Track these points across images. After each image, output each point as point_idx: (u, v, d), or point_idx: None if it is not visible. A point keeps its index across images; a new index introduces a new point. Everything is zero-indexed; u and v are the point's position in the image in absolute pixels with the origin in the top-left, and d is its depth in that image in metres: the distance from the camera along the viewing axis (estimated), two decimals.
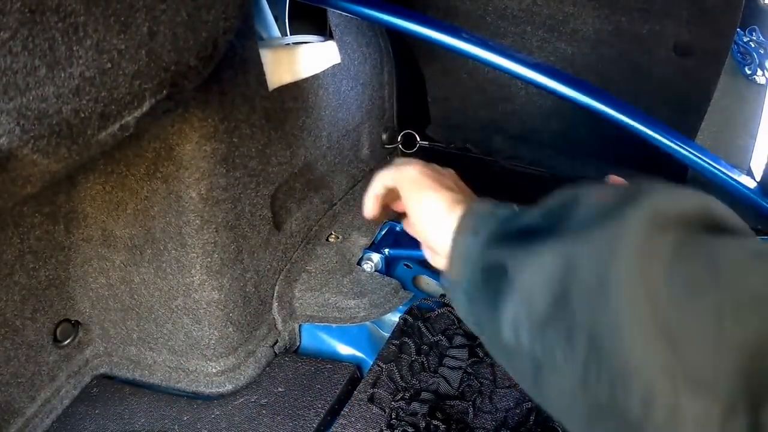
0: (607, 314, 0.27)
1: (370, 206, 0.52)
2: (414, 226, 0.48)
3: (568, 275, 0.29)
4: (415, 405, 0.63)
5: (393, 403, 0.64)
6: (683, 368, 0.25)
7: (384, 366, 0.69)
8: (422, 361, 0.70)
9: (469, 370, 0.69)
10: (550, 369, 0.30)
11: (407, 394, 0.65)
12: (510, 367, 0.35)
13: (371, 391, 0.66)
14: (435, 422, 0.61)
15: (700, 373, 0.25)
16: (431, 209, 0.44)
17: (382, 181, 0.49)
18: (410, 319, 0.75)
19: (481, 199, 0.43)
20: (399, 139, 1.08)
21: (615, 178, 0.56)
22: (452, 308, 0.77)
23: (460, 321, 0.76)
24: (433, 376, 0.68)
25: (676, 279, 0.26)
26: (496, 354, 0.36)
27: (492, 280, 0.34)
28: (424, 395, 0.65)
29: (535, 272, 0.30)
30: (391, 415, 0.63)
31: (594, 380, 0.27)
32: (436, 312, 0.77)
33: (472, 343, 0.73)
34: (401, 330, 0.74)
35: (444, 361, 0.70)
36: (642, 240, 0.27)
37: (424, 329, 0.74)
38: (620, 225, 0.27)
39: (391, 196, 0.53)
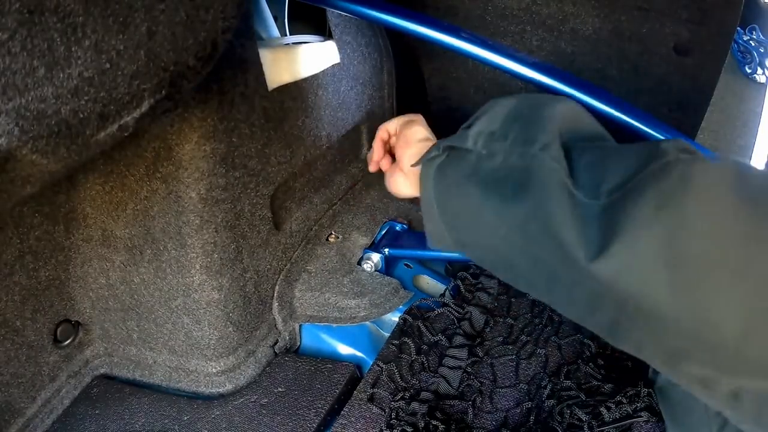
0: (538, 113, 0.44)
1: (378, 150, 0.64)
2: (401, 154, 0.60)
3: (521, 105, 0.46)
4: (414, 405, 0.63)
5: (393, 402, 0.64)
6: (569, 162, 0.41)
7: (384, 366, 0.69)
8: (422, 361, 0.70)
9: (469, 369, 0.69)
10: (487, 158, 0.45)
11: (407, 394, 0.65)
12: (457, 170, 0.48)
13: (371, 391, 0.66)
14: (434, 422, 0.61)
15: (576, 168, 0.40)
16: (415, 155, 0.58)
17: (386, 127, 0.63)
18: (410, 319, 0.75)
19: None
20: None
21: None
22: (452, 308, 0.77)
23: (459, 321, 0.76)
24: (433, 376, 0.68)
25: (577, 139, 0.44)
26: (444, 190, 0.50)
27: (471, 120, 0.50)
28: (424, 395, 0.65)
29: (502, 106, 0.47)
30: (390, 415, 0.63)
31: (513, 147, 0.43)
32: (436, 312, 0.77)
33: (472, 343, 0.73)
34: (401, 330, 0.74)
35: (444, 361, 0.70)
36: (568, 103, 0.47)
37: (423, 329, 0.74)
38: (558, 98, 0.47)
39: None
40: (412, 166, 0.55)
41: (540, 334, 0.74)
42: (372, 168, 0.68)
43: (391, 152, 0.66)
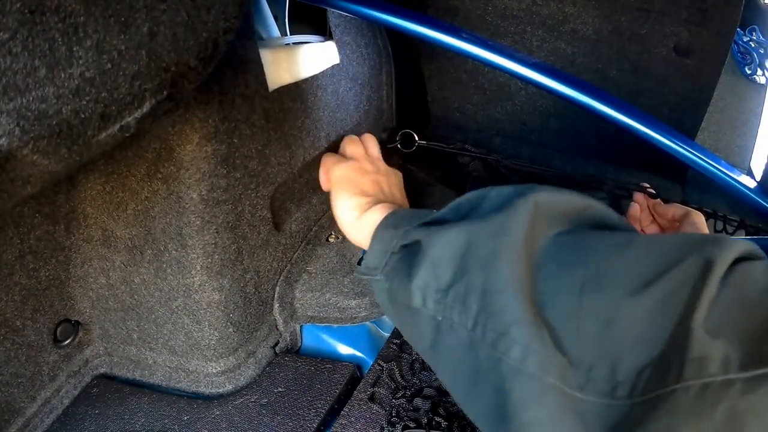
0: (496, 281, 0.32)
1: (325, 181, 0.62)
2: (340, 227, 0.57)
3: (468, 249, 0.34)
4: (417, 401, 0.64)
5: (394, 400, 0.64)
6: (550, 331, 0.29)
7: (384, 365, 0.69)
8: (423, 360, 0.70)
9: None
10: (446, 329, 0.35)
11: (408, 392, 0.65)
12: (412, 331, 0.40)
13: (371, 390, 0.66)
14: (437, 419, 0.61)
15: (565, 339, 0.29)
16: (341, 208, 0.55)
17: (324, 168, 0.62)
18: None
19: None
20: (397, 138, 1.09)
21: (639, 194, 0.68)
22: None
23: None
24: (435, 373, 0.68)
25: (551, 257, 0.32)
26: (402, 323, 0.42)
27: (408, 257, 0.40)
28: (427, 391, 0.65)
29: (443, 246, 0.36)
30: (391, 413, 0.63)
31: (480, 336, 0.32)
32: None
33: None
34: None
35: None
36: (526, 225, 0.33)
37: None
38: (511, 212, 0.33)
39: None
40: (357, 274, 0.47)
41: None
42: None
43: None
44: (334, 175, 0.57)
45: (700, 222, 0.68)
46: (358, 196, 0.54)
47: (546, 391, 0.28)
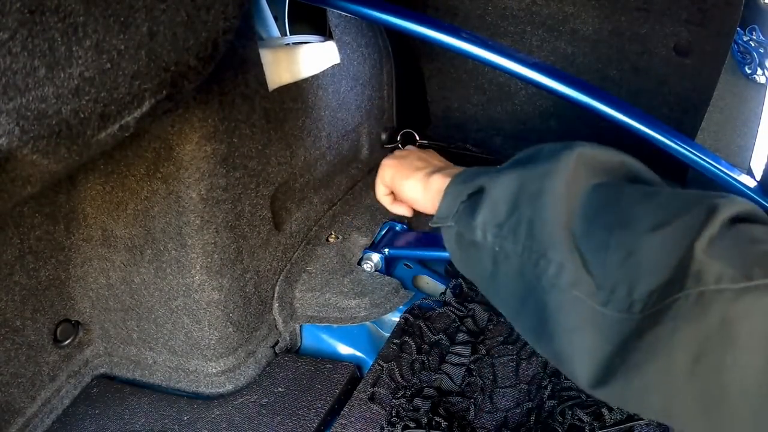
0: (540, 213, 0.39)
1: (399, 210, 0.65)
2: (413, 206, 0.60)
3: (521, 189, 0.41)
4: (417, 401, 0.64)
5: (394, 400, 0.64)
6: (582, 257, 0.36)
7: (384, 365, 0.69)
8: (423, 360, 0.70)
9: (472, 366, 0.69)
10: (502, 259, 0.42)
11: (408, 392, 0.65)
12: (475, 268, 0.46)
13: (371, 390, 0.66)
14: (437, 419, 0.61)
15: (593, 264, 0.36)
16: (408, 190, 0.57)
17: (380, 193, 0.63)
18: (411, 319, 0.75)
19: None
20: (398, 138, 1.08)
21: None
22: (453, 307, 0.77)
23: (462, 318, 0.76)
24: (436, 373, 0.68)
25: (588, 201, 0.39)
26: (466, 263, 0.48)
27: (474, 202, 0.46)
28: (427, 391, 0.65)
29: (501, 187, 0.42)
30: (392, 413, 0.63)
31: (527, 258, 0.39)
32: (437, 311, 0.77)
33: (475, 340, 0.73)
34: (402, 329, 0.74)
35: (447, 358, 0.70)
36: (569, 171, 0.39)
37: (425, 328, 0.74)
38: (556, 161, 0.40)
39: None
40: (432, 225, 0.53)
41: None
42: (409, 214, 0.68)
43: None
44: (384, 177, 0.61)
45: None
46: (414, 172, 0.58)
47: (575, 302, 0.35)
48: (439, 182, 0.55)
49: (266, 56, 0.67)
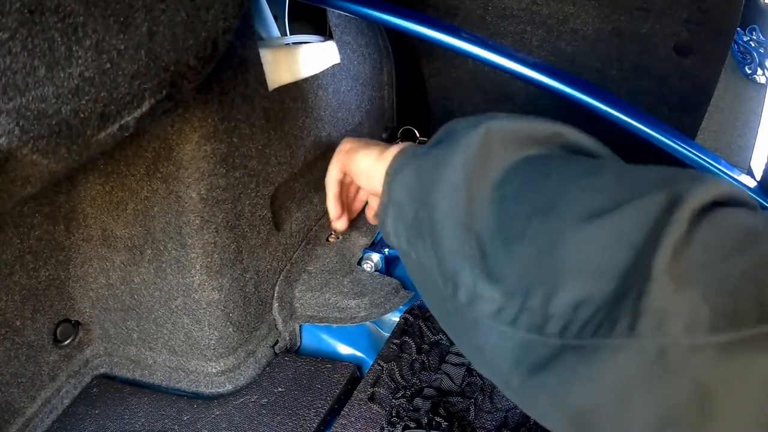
0: (434, 212, 0.31)
1: (333, 209, 0.61)
2: (360, 182, 0.54)
3: (418, 183, 0.33)
4: (417, 401, 0.64)
5: (394, 400, 0.64)
6: (485, 260, 0.28)
7: (384, 365, 0.69)
8: (423, 360, 0.70)
9: (472, 366, 0.69)
10: (419, 264, 0.34)
11: (408, 393, 0.65)
12: (407, 269, 0.39)
13: (371, 390, 0.66)
14: (437, 419, 0.61)
15: (500, 263, 0.27)
16: (364, 162, 0.51)
17: (331, 177, 0.58)
18: (411, 319, 0.75)
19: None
20: (398, 135, 1.09)
21: None
22: None
23: None
24: (436, 373, 0.68)
25: (503, 184, 0.30)
26: (405, 265, 0.40)
27: (384, 203, 0.38)
28: (427, 391, 0.65)
29: (400, 186, 0.35)
30: (392, 413, 0.63)
31: (436, 267, 0.31)
32: None
33: None
34: (402, 329, 0.74)
35: (447, 358, 0.70)
36: (471, 154, 0.31)
37: (425, 328, 0.74)
38: (453, 143, 0.32)
39: (346, 193, 0.64)
40: (375, 215, 0.48)
41: None
42: (341, 226, 0.65)
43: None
44: (340, 152, 0.55)
45: None
46: (373, 147, 0.52)
47: (478, 322, 0.28)
48: (390, 157, 0.45)
49: (266, 56, 0.67)
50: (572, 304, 0.23)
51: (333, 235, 0.88)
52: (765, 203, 0.73)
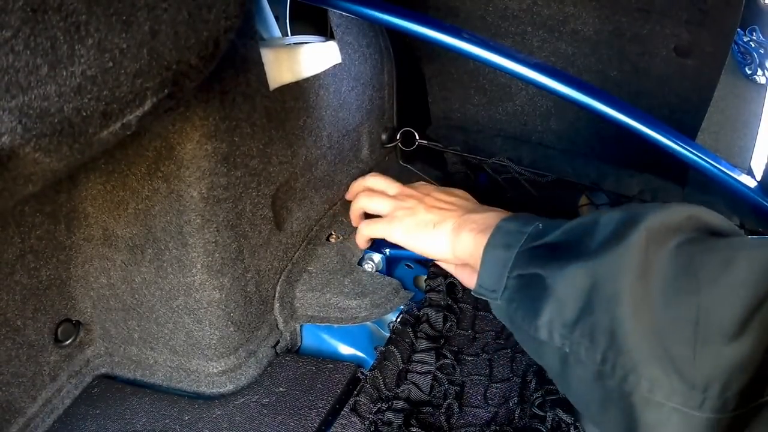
0: (621, 324, 0.35)
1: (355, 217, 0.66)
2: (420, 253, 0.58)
3: (593, 289, 0.37)
4: (389, 415, 0.62)
5: (371, 416, 0.63)
6: (673, 363, 0.33)
7: (367, 374, 0.68)
8: (408, 369, 0.69)
9: (438, 374, 0.69)
10: (574, 362, 0.38)
11: (384, 406, 0.64)
12: (539, 359, 0.43)
13: (353, 400, 0.65)
14: (412, 430, 0.61)
15: (683, 363, 0.33)
16: (433, 248, 0.55)
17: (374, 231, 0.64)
18: (399, 326, 0.75)
19: (499, 214, 0.52)
20: (398, 137, 1.09)
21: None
22: (409, 315, 0.77)
23: (419, 324, 0.75)
24: (404, 383, 0.67)
25: (668, 284, 0.35)
26: (528, 348, 0.45)
27: (530, 287, 0.42)
28: (397, 404, 0.64)
29: (567, 285, 0.38)
30: (370, 428, 0.62)
31: (609, 370, 0.35)
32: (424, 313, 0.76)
33: (438, 345, 0.73)
34: (389, 337, 0.74)
35: (411, 367, 0.69)
36: (641, 255, 0.35)
37: (412, 335, 0.74)
38: (624, 248, 0.36)
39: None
40: (474, 293, 0.49)
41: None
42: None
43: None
44: (392, 234, 0.58)
45: None
46: (433, 228, 0.54)
47: (671, 414, 0.33)
48: (470, 241, 0.50)
49: (267, 56, 0.67)
50: (739, 389, 0.31)
51: (334, 235, 0.88)
52: (766, 203, 0.73)
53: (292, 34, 0.87)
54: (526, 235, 0.45)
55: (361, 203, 0.73)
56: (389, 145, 1.08)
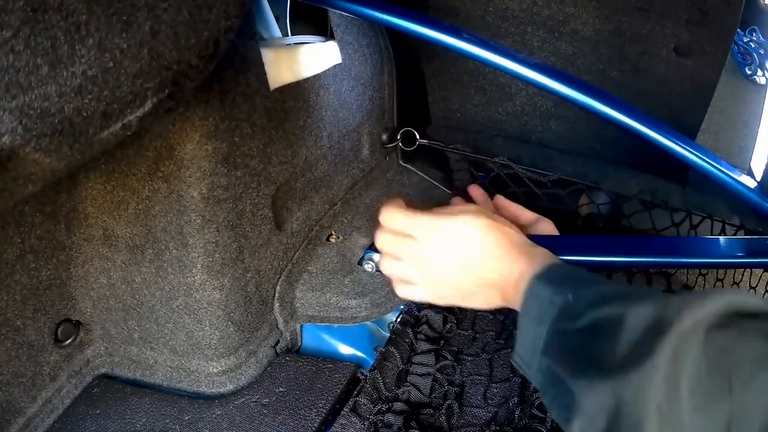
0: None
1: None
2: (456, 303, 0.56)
3: (617, 410, 0.36)
4: (389, 417, 0.62)
5: (372, 417, 0.63)
6: None
7: (368, 375, 0.68)
8: (408, 369, 0.69)
9: (438, 375, 0.69)
10: None
11: (384, 407, 0.64)
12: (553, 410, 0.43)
13: (353, 401, 0.65)
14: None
15: None
16: (484, 305, 0.54)
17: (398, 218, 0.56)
18: (399, 327, 0.75)
19: (530, 267, 0.50)
20: (398, 137, 1.09)
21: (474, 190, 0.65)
22: (408, 316, 0.77)
23: (419, 325, 0.75)
24: (404, 385, 0.67)
25: (694, 388, 0.33)
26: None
27: (559, 389, 0.42)
28: (397, 406, 0.64)
29: (594, 403, 0.38)
30: (370, 429, 0.62)
31: None
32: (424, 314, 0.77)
33: (438, 346, 0.73)
34: (389, 338, 0.74)
35: (411, 369, 0.69)
36: (666, 373, 0.33)
37: (412, 336, 0.74)
38: (650, 365, 0.34)
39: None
40: (512, 360, 0.49)
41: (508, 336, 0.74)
42: None
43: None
44: (445, 296, 0.55)
45: (550, 230, 0.63)
46: (482, 288, 0.53)
47: None
48: (514, 295, 0.49)
49: (267, 56, 0.67)
50: None
51: (334, 235, 0.88)
52: (766, 203, 0.73)
53: (292, 34, 0.87)
54: (557, 309, 0.44)
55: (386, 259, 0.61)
56: (390, 145, 1.09)
